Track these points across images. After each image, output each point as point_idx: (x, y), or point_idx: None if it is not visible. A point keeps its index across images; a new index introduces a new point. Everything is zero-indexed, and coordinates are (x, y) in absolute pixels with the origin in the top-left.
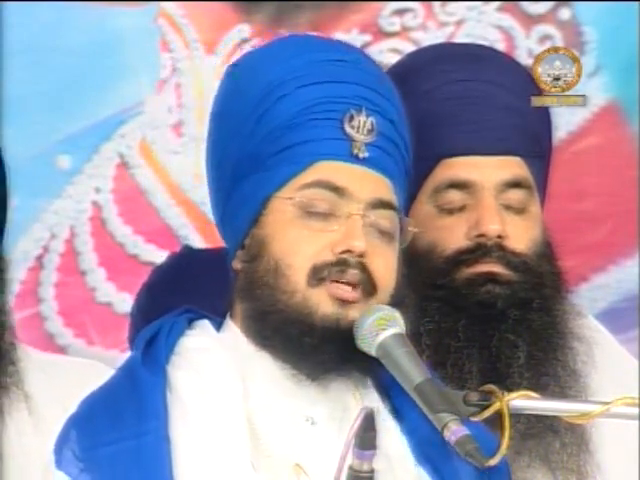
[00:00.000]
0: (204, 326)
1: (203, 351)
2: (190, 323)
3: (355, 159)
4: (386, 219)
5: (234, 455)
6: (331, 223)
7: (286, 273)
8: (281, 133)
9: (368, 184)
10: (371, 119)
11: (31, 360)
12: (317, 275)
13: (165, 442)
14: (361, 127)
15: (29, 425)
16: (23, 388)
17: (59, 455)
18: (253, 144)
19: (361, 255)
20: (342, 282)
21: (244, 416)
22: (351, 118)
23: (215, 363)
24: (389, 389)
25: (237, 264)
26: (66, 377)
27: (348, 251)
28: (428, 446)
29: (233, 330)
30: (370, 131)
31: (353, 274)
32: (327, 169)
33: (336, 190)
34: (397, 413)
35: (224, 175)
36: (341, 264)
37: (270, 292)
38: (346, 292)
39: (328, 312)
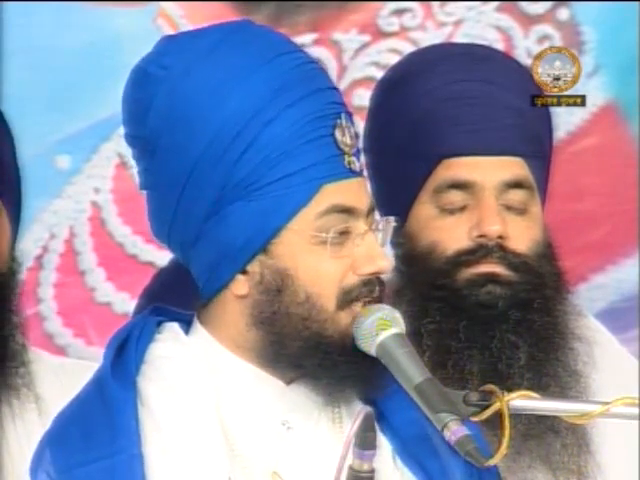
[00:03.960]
0: (173, 330)
1: (173, 360)
2: (159, 325)
3: (351, 172)
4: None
5: (210, 468)
6: (347, 244)
7: (317, 302)
8: (276, 161)
9: (363, 194)
10: (349, 123)
11: (42, 362)
12: (347, 298)
13: (139, 460)
14: (348, 135)
15: (39, 426)
16: (34, 389)
17: (34, 477)
18: (243, 172)
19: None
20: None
21: (218, 426)
22: (339, 129)
23: (186, 372)
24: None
25: (240, 289)
26: (77, 380)
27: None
28: (414, 445)
29: (203, 335)
30: (354, 137)
31: (378, 291)
32: (333, 192)
33: (347, 211)
34: (380, 414)
35: (194, 195)
36: (368, 284)
37: (300, 322)
38: None
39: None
